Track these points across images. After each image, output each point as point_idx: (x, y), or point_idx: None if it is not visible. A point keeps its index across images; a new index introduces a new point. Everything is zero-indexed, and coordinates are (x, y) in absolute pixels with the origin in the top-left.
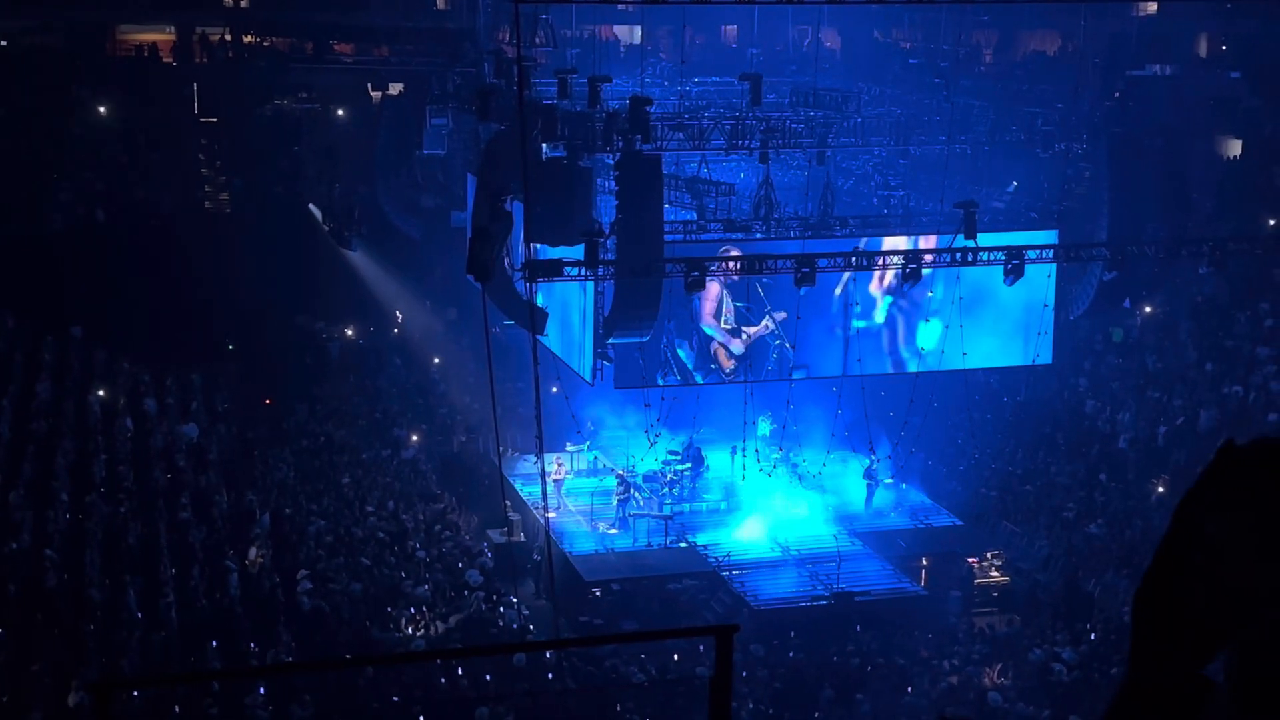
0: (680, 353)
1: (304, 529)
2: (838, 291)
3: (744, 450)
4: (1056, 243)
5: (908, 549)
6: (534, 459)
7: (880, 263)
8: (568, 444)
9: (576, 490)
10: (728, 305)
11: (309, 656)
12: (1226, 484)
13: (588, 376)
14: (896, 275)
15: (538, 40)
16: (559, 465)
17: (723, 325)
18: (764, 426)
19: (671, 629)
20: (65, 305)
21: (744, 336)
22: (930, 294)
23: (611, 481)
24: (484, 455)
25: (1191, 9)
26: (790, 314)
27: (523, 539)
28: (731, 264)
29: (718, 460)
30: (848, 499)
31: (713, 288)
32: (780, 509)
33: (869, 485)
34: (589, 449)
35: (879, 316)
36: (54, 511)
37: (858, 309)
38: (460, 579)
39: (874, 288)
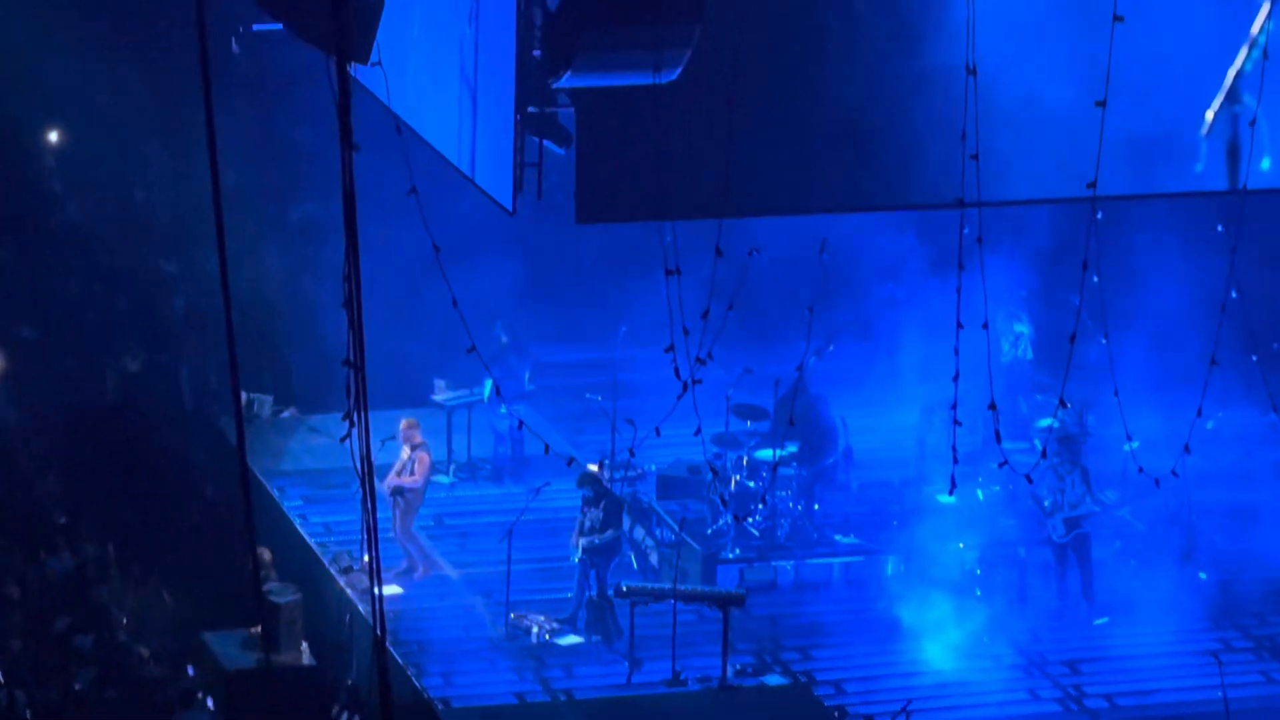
0: None
1: None
2: None
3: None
4: None
5: None
6: (343, 423)
7: None
8: (438, 384)
9: (468, 512)
10: None
11: None
12: None
13: (505, 198)
14: None
15: None
16: (412, 444)
17: None
18: (1019, 333)
19: None
20: None
21: None
22: None
23: (567, 494)
24: (191, 416)
25: None
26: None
27: (305, 658)
28: None
29: (871, 432)
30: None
31: None
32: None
33: None
34: (497, 394)
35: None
36: None
37: None
38: None
39: None
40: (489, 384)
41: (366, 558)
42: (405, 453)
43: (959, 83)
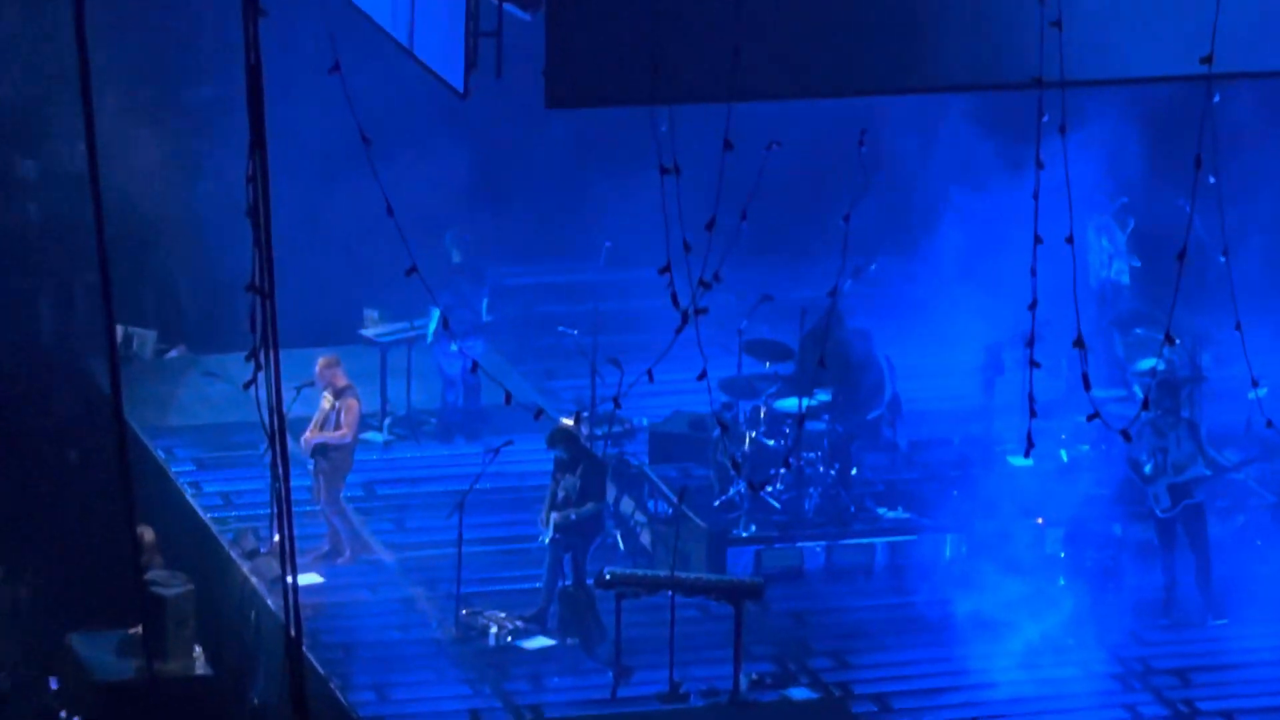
0: None
1: None
2: None
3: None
4: None
5: None
6: (247, 365)
7: None
8: (369, 315)
9: (407, 479)
10: None
11: None
12: None
13: (454, 77)
14: None
15: None
16: (335, 389)
17: None
18: (1112, 250)
19: None
20: None
21: None
22: None
23: (535, 456)
24: (52, 357)
25: None
26: None
27: (199, 667)
28: None
29: (925, 376)
30: None
31: None
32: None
33: None
34: (445, 327)
35: None
36: None
37: None
38: None
39: None
40: (435, 315)
41: (277, 538)
42: (327, 401)
43: None
